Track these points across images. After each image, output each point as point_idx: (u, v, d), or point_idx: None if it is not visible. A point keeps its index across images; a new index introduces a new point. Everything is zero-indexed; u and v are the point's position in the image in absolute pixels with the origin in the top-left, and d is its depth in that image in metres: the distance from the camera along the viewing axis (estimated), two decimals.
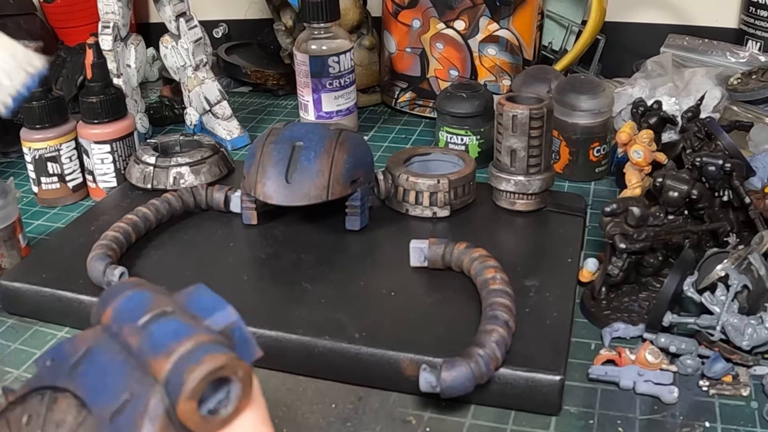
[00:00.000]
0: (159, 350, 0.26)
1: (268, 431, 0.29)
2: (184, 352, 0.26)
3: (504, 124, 0.69)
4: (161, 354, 0.26)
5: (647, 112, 0.76)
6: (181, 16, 0.92)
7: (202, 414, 0.26)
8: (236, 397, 0.27)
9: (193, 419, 0.26)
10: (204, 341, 0.26)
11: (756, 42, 1.03)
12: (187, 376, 0.25)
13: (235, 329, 0.28)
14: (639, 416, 0.51)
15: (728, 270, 0.56)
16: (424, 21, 0.98)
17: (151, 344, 0.27)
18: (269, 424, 0.29)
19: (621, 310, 0.61)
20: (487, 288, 0.56)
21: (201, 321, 0.28)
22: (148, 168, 0.79)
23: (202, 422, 0.26)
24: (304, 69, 0.90)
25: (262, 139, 0.70)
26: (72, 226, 0.73)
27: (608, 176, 0.85)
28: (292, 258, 0.66)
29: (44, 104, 0.79)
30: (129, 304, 0.28)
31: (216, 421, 0.27)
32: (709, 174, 0.63)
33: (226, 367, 0.26)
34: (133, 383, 0.27)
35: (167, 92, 1.13)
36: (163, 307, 0.28)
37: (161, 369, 0.26)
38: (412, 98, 1.03)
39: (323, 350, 0.55)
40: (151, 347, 0.26)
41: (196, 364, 0.26)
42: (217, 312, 0.28)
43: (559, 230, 0.69)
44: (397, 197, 0.72)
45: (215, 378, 0.26)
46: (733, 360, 0.54)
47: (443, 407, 0.53)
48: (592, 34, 0.97)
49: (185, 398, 0.25)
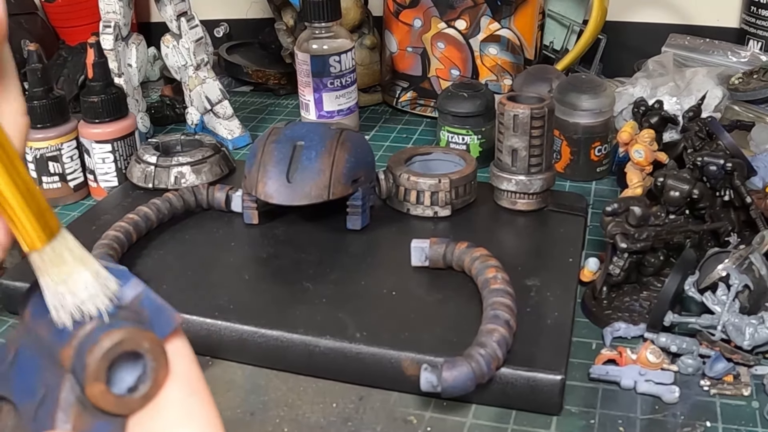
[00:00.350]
0: (64, 338, 0.25)
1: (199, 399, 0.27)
2: (84, 335, 0.25)
3: (505, 123, 0.69)
4: (66, 341, 0.25)
5: (648, 112, 0.76)
6: (182, 15, 0.92)
7: (117, 394, 0.25)
8: (151, 371, 0.26)
9: (106, 400, 0.25)
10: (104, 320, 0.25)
11: (757, 41, 1.03)
12: (87, 358, 0.25)
13: (143, 300, 0.27)
14: (640, 416, 0.51)
15: (729, 270, 0.56)
16: (425, 20, 0.98)
17: (57, 333, 0.26)
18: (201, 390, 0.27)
19: (622, 310, 0.61)
20: (488, 287, 0.56)
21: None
22: (150, 167, 0.79)
23: (119, 402, 0.25)
24: (306, 68, 0.90)
25: (263, 138, 0.70)
26: (73, 226, 0.73)
27: (609, 176, 0.85)
28: (293, 257, 0.66)
29: (45, 103, 0.79)
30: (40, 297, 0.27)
31: (135, 399, 0.26)
32: (710, 174, 0.62)
33: (125, 341, 0.25)
34: (48, 376, 0.26)
35: (168, 92, 1.13)
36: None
37: (68, 357, 0.25)
38: (413, 98, 1.03)
39: (324, 350, 0.55)
40: (58, 336, 0.26)
41: (94, 344, 0.25)
42: (123, 286, 0.27)
43: (560, 230, 0.69)
44: (398, 197, 0.72)
45: (117, 355, 0.25)
46: (734, 360, 0.54)
47: (444, 407, 0.53)
48: (593, 33, 0.97)
49: (90, 381, 0.25)
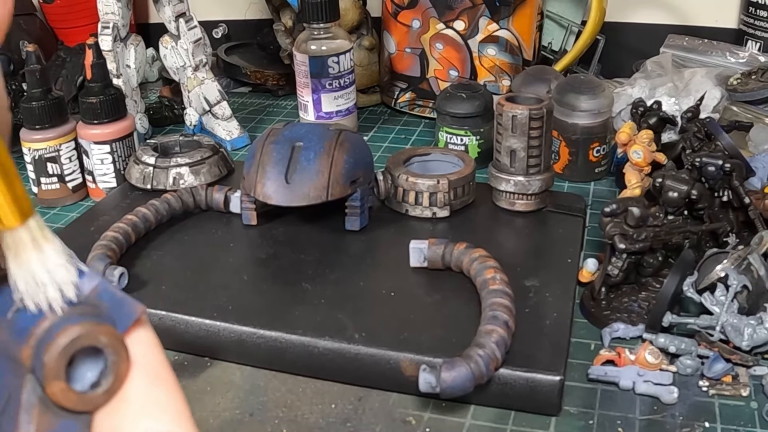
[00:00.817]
0: (23, 337, 0.25)
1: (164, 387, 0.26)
2: (41, 332, 0.24)
3: (504, 124, 0.69)
4: (24, 340, 0.25)
5: (647, 113, 0.76)
6: (180, 16, 0.92)
7: (79, 391, 0.25)
8: (112, 365, 0.25)
9: (68, 398, 0.24)
10: (59, 317, 0.25)
11: (756, 42, 1.03)
12: (44, 356, 0.24)
13: (101, 293, 0.26)
14: (639, 416, 0.51)
15: (728, 270, 0.56)
16: (423, 21, 0.98)
17: (17, 333, 0.25)
18: (166, 379, 0.26)
19: (621, 311, 0.61)
20: (486, 288, 0.56)
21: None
22: (148, 168, 0.79)
23: (81, 399, 0.25)
24: (304, 69, 0.90)
25: (262, 139, 0.70)
26: (72, 227, 0.73)
27: (608, 176, 0.85)
28: (292, 258, 0.66)
29: (44, 104, 0.79)
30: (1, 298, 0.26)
31: (99, 395, 0.25)
32: (708, 174, 0.63)
33: (81, 337, 0.24)
34: (10, 379, 0.25)
35: (167, 93, 1.13)
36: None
37: (27, 356, 0.25)
38: (411, 98, 1.03)
39: (323, 350, 0.55)
40: (17, 336, 0.25)
41: (50, 341, 0.24)
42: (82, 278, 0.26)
43: (559, 230, 0.69)
44: (397, 197, 0.72)
45: (75, 351, 0.24)
46: (732, 360, 0.54)
47: (443, 407, 0.53)
48: (591, 34, 0.97)
49: (49, 380, 0.24)
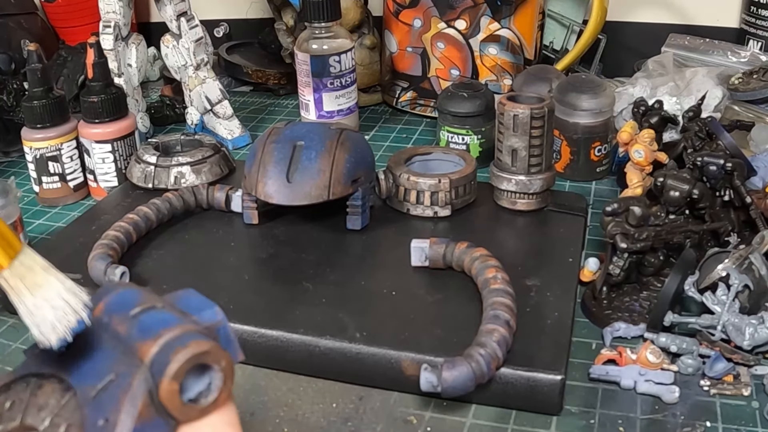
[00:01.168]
0: (147, 335, 0.27)
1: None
2: (172, 336, 0.27)
3: (505, 123, 0.69)
4: (149, 338, 0.27)
5: (648, 112, 0.76)
6: (182, 15, 0.92)
7: (183, 400, 0.27)
8: (217, 388, 0.28)
9: (174, 402, 0.26)
10: (191, 330, 0.27)
11: (757, 41, 1.03)
12: (172, 356, 0.26)
13: (220, 328, 0.29)
14: (640, 416, 0.51)
15: (729, 270, 0.56)
16: (425, 20, 0.98)
17: (140, 330, 0.27)
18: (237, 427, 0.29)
19: (622, 310, 0.61)
20: (488, 287, 0.56)
21: (189, 317, 0.29)
22: (149, 167, 0.79)
23: (182, 407, 0.27)
24: (305, 68, 0.90)
25: (263, 138, 0.70)
26: (73, 226, 0.73)
27: (609, 176, 0.85)
28: (293, 257, 0.66)
29: (45, 103, 0.79)
30: (120, 298, 0.29)
31: (196, 409, 0.27)
32: (710, 173, 0.63)
33: (210, 353, 0.27)
34: (119, 365, 0.27)
35: (168, 92, 1.13)
36: (153, 302, 0.29)
37: (148, 351, 0.26)
38: (413, 98, 1.03)
39: (324, 350, 0.55)
40: (140, 333, 0.27)
41: (182, 346, 0.26)
42: (205, 310, 0.29)
43: (560, 230, 0.69)
44: (398, 197, 0.72)
45: (199, 362, 0.27)
46: (734, 360, 0.54)
47: (444, 407, 0.53)
48: (593, 33, 0.97)
49: (169, 378, 0.26)
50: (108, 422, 0.26)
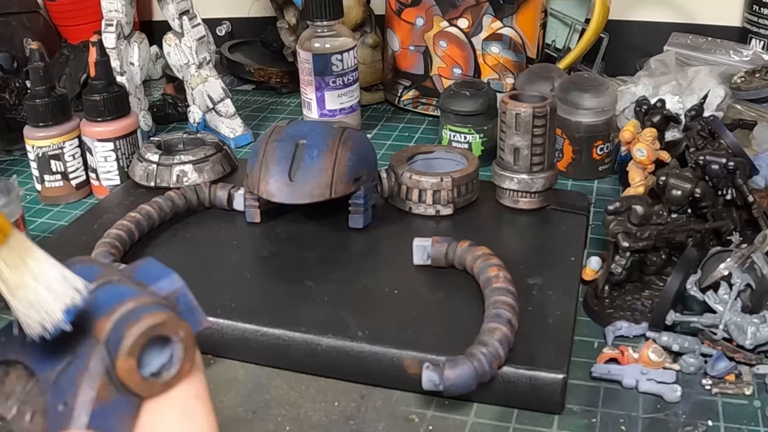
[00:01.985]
0: (102, 311, 0.26)
1: (202, 403, 0.28)
2: (125, 311, 0.26)
3: (507, 122, 0.69)
4: (104, 315, 0.26)
5: (650, 111, 0.76)
6: (184, 14, 0.93)
7: (143, 375, 0.26)
8: (178, 360, 0.27)
9: (133, 378, 0.26)
10: (147, 302, 0.26)
11: (760, 40, 1.03)
12: (126, 332, 0.25)
13: (179, 296, 0.28)
14: (642, 415, 0.51)
15: (731, 269, 0.56)
16: (427, 19, 0.98)
17: (95, 307, 0.27)
18: (205, 398, 0.28)
19: (624, 309, 0.61)
20: (490, 286, 0.56)
21: (146, 287, 0.28)
22: (152, 166, 0.79)
23: (143, 383, 0.26)
24: (308, 67, 0.90)
25: (265, 137, 0.70)
26: (75, 224, 0.73)
27: (611, 174, 0.85)
28: (295, 256, 0.66)
29: (47, 102, 0.79)
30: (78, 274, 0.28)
31: (158, 384, 0.27)
32: (712, 172, 0.62)
33: (166, 324, 0.26)
34: (78, 346, 0.27)
35: (170, 90, 1.13)
36: (109, 276, 0.28)
37: (103, 329, 0.26)
38: (415, 96, 1.03)
39: (326, 348, 0.55)
40: (95, 309, 0.26)
41: (135, 320, 0.25)
42: (162, 279, 0.28)
43: (562, 228, 0.69)
44: (401, 195, 0.72)
45: (155, 335, 0.26)
46: (736, 359, 0.54)
47: (446, 405, 0.53)
48: (595, 32, 0.97)
49: (124, 354, 0.25)
50: (67, 406, 0.26)
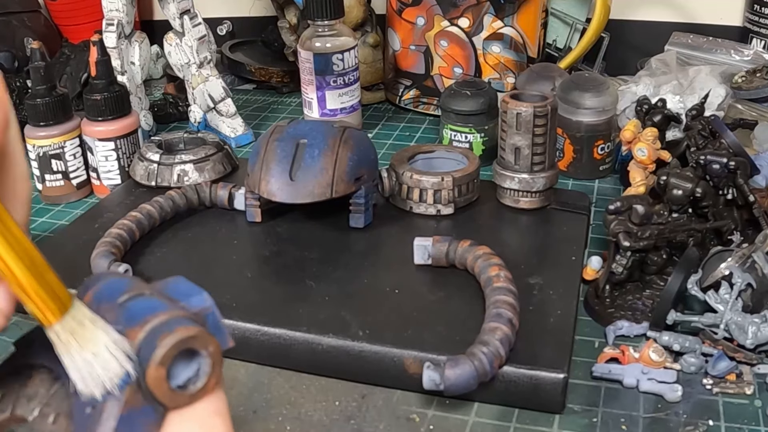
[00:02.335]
0: (134, 321, 0.27)
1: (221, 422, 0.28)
2: (158, 322, 0.26)
3: (508, 121, 0.69)
4: (136, 324, 0.27)
5: (651, 110, 0.76)
6: (185, 13, 0.93)
7: (170, 385, 0.27)
8: (205, 374, 0.27)
9: (161, 388, 0.26)
10: (179, 315, 0.27)
11: (761, 40, 1.03)
12: (159, 342, 0.26)
13: (209, 315, 0.29)
14: (643, 414, 0.51)
15: (732, 268, 0.56)
16: (428, 18, 0.98)
17: (127, 317, 0.27)
18: (225, 416, 0.28)
19: (625, 308, 0.61)
20: (490, 286, 0.56)
21: (177, 303, 0.28)
22: (152, 165, 0.79)
23: (170, 393, 0.27)
24: (308, 66, 0.90)
25: (266, 136, 0.70)
26: (76, 224, 0.73)
27: (612, 174, 0.85)
28: (296, 256, 0.66)
29: (48, 101, 0.79)
30: (109, 287, 0.29)
31: (184, 396, 0.27)
32: (713, 172, 0.62)
33: (197, 338, 0.27)
34: None
35: (171, 89, 1.13)
36: (141, 290, 0.29)
37: (135, 337, 0.26)
38: (416, 96, 1.03)
39: (327, 348, 0.55)
40: (127, 320, 0.27)
41: (169, 332, 0.26)
42: (193, 296, 0.29)
43: (563, 228, 0.69)
44: (401, 195, 0.72)
45: (186, 348, 0.26)
46: (736, 358, 0.54)
47: (447, 405, 0.53)
48: (596, 31, 0.97)
49: (155, 363, 0.26)
50: (95, 409, 0.26)
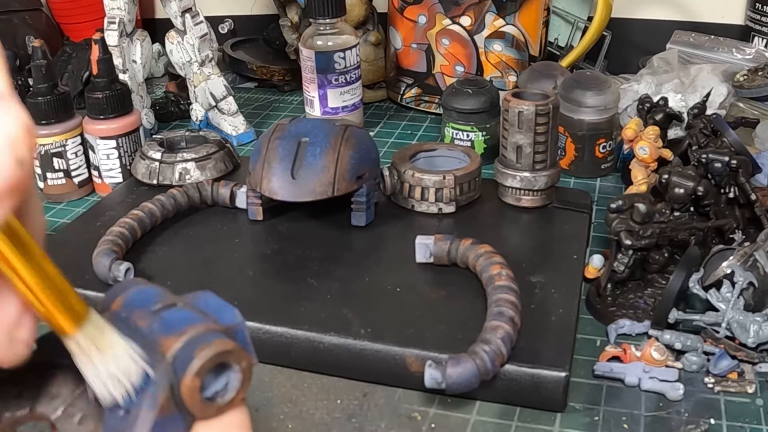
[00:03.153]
0: (171, 330, 0.27)
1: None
2: (196, 333, 0.27)
3: (510, 120, 0.69)
4: (173, 333, 0.27)
5: (653, 109, 0.76)
6: (186, 11, 0.92)
7: (201, 396, 0.27)
8: (234, 388, 0.28)
9: (194, 398, 0.27)
10: (215, 329, 0.28)
11: (762, 39, 1.03)
12: (197, 353, 0.26)
13: (238, 331, 0.29)
14: (644, 413, 0.51)
15: (734, 267, 0.56)
16: (429, 17, 0.98)
17: (163, 326, 0.28)
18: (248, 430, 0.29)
19: (626, 307, 0.61)
20: (492, 284, 0.56)
21: (210, 316, 0.29)
22: (154, 164, 0.79)
23: (201, 404, 0.27)
24: (310, 65, 0.90)
25: (268, 134, 0.70)
26: (77, 222, 0.74)
27: (614, 173, 0.85)
28: (298, 254, 0.66)
29: (50, 100, 0.79)
30: (140, 294, 0.29)
31: (213, 408, 0.28)
32: (714, 171, 0.62)
33: (233, 352, 0.27)
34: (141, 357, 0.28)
35: (173, 88, 1.13)
36: (173, 300, 0.29)
37: (172, 346, 0.27)
38: (417, 94, 1.03)
39: (328, 346, 0.55)
40: (163, 328, 0.27)
41: (207, 344, 0.27)
42: (225, 312, 0.30)
43: (565, 227, 0.69)
44: (403, 193, 0.72)
45: (222, 361, 0.27)
46: (738, 357, 0.54)
47: (448, 403, 0.53)
48: (598, 30, 0.97)
49: (192, 373, 0.26)
50: (129, 414, 0.27)
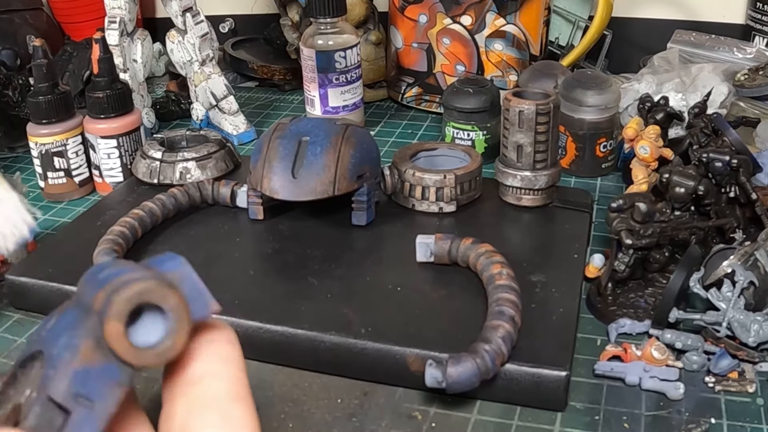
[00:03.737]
0: (100, 286, 0.27)
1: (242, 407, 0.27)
2: (119, 282, 0.26)
3: (510, 119, 0.69)
4: (100, 288, 0.27)
5: (654, 108, 0.76)
6: (187, 11, 0.92)
7: (132, 342, 0.26)
8: (171, 331, 0.27)
9: (120, 344, 0.26)
10: (143, 276, 0.27)
11: (763, 38, 1.03)
12: (114, 297, 0.26)
13: (184, 278, 0.28)
14: (645, 412, 0.51)
15: (734, 266, 0.56)
16: (430, 16, 0.98)
17: (97, 284, 0.27)
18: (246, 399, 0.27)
19: (627, 306, 0.61)
20: (493, 283, 0.56)
21: (149, 269, 0.28)
22: (155, 163, 0.79)
23: (132, 350, 0.26)
24: (311, 64, 0.90)
25: (269, 134, 0.70)
26: (78, 221, 0.74)
27: (615, 172, 0.85)
28: (298, 253, 0.66)
29: (50, 99, 0.79)
30: (95, 269, 0.29)
31: (150, 353, 0.27)
32: (715, 170, 0.62)
33: (153, 290, 0.26)
34: (77, 323, 0.28)
35: (174, 87, 1.13)
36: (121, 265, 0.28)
37: (99, 300, 0.27)
38: (418, 93, 1.03)
39: (329, 345, 0.55)
40: (97, 286, 0.27)
41: (124, 288, 0.26)
42: (167, 262, 0.29)
43: (566, 226, 0.69)
44: (404, 192, 0.72)
45: (144, 302, 0.26)
46: (739, 356, 0.54)
47: (449, 402, 0.53)
48: (598, 29, 0.97)
49: (110, 318, 0.26)
50: (56, 369, 0.26)
